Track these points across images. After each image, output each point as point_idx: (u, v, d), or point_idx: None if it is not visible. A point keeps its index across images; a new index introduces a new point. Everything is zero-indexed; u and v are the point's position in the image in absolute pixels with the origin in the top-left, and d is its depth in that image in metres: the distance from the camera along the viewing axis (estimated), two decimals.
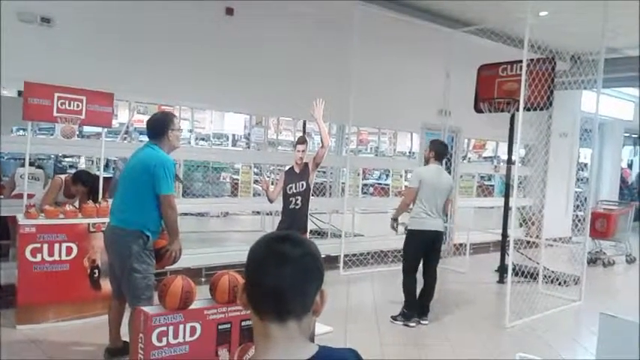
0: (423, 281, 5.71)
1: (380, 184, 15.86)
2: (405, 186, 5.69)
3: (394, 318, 5.69)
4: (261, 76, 7.24)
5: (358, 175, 11.74)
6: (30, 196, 5.52)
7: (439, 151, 5.81)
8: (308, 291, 1.17)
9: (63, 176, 5.98)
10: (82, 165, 11.37)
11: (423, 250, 5.64)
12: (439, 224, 5.64)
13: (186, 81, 6.70)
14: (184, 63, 6.68)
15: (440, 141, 6.29)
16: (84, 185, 5.64)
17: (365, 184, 15.38)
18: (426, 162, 5.97)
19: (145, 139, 4.31)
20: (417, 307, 5.67)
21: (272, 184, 5.58)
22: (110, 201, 5.53)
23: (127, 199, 4.04)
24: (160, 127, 4.07)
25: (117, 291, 4.16)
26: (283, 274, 1.14)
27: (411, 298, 5.67)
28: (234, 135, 15.92)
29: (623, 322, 2.41)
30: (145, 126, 4.37)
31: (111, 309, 4.33)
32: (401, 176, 11.66)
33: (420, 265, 5.74)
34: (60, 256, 4.92)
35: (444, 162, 8.65)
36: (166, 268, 4.29)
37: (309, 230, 5.91)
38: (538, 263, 7.56)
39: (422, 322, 5.67)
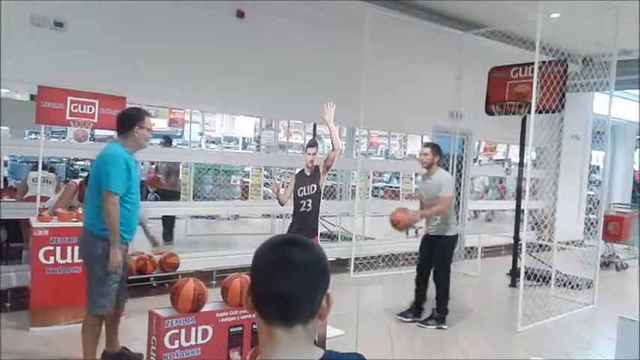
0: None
1: (390, 186, 15.84)
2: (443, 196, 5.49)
3: (425, 323, 5.65)
4: (272, 79, 7.26)
5: (368, 177, 11.72)
6: (43, 199, 5.56)
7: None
8: (315, 296, 1.15)
9: (77, 180, 6.03)
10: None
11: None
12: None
13: (197, 84, 6.73)
14: (195, 66, 6.72)
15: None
16: None
17: (375, 187, 15.35)
18: (429, 167, 5.73)
19: (155, 141, 4.27)
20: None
21: (282, 187, 5.58)
22: None
23: (89, 200, 3.87)
24: (127, 122, 3.84)
25: None
26: (291, 280, 1.12)
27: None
28: (244, 138, 15.98)
29: None
30: (154, 129, 4.31)
31: None
32: (411, 179, 11.60)
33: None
34: (72, 258, 4.92)
35: (454, 164, 8.63)
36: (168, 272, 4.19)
37: (319, 233, 5.91)
38: (550, 267, 7.51)
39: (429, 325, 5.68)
